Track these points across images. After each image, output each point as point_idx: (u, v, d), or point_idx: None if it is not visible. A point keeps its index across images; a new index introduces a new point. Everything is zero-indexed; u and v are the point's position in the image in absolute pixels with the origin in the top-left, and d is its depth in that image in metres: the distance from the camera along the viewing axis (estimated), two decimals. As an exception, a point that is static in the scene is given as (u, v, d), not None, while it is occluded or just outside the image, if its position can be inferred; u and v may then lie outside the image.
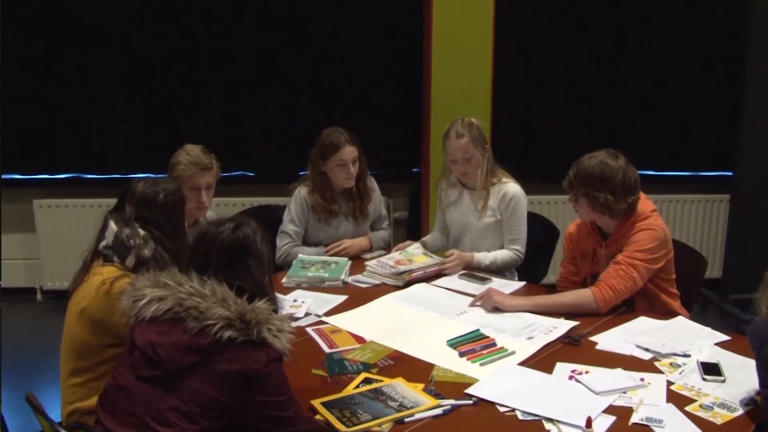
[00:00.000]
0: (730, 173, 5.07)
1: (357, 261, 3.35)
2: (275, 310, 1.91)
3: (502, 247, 3.34)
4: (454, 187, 3.46)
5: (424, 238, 3.60)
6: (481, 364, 2.29)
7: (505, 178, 3.36)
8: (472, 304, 2.81)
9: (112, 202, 2.50)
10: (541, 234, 3.45)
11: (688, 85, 5.24)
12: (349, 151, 3.38)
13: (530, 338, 2.48)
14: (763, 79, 4.73)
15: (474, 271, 3.23)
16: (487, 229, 3.33)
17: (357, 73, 4.87)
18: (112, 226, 2.36)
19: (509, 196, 3.29)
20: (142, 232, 2.36)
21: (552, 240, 3.57)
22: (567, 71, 5.12)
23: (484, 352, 2.36)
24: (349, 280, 3.13)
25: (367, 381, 2.17)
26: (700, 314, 4.98)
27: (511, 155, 3.41)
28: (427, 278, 3.14)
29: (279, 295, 2.46)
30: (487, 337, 2.48)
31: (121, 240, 2.33)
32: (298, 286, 3.05)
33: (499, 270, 3.31)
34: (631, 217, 2.84)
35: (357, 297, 2.92)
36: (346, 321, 2.67)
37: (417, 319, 2.71)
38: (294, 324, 2.56)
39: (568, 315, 2.68)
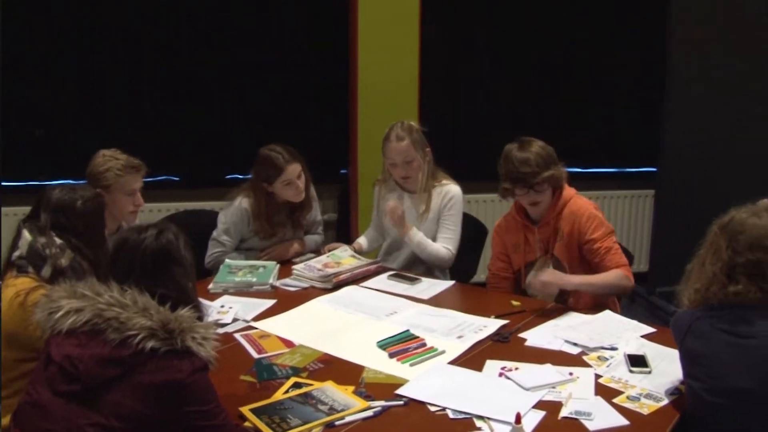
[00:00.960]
0: (654, 169, 5.22)
1: (286, 265, 3.32)
2: (200, 318, 1.87)
3: None
4: (392, 192, 3.44)
5: (359, 239, 3.59)
6: (411, 365, 2.30)
7: (445, 180, 3.37)
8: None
9: (27, 210, 2.42)
10: (470, 232, 3.48)
11: (612, 83, 5.39)
12: (293, 169, 3.33)
13: (460, 337, 2.50)
14: (683, 78, 4.88)
15: (402, 271, 3.25)
16: (429, 232, 3.32)
17: (283, 74, 4.82)
18: (26, 235, 2.29)
19: (450, 196, 3.31)
20: (58, 240, 2.29)
21: (480, 238, 3.62)
22: (493, 71, 5.19)
23: (414, 352, 2.37)
24: (278, 284, 3.10)
25: (296, 385, 2.15)
26: (629, 308, 5.08)
27: (438, 154, 3.41)
28: (356, 280, 3.14)
29: (205, 302, 2.44)
30: (417, 337, 2.49)
31: (36, 250, 2.26)
32: (226, 292, 3.01)
33: (428, 260, 3.30)
34: (560, 198, 2.96)
35: (286, 301, 2.90)
36: (275, 325, 2.65)
37: (346, 321, 2.71)
38: (221, 330, 2.53)
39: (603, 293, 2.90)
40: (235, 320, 2.69)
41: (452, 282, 3.17)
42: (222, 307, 2.82)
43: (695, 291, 2.13)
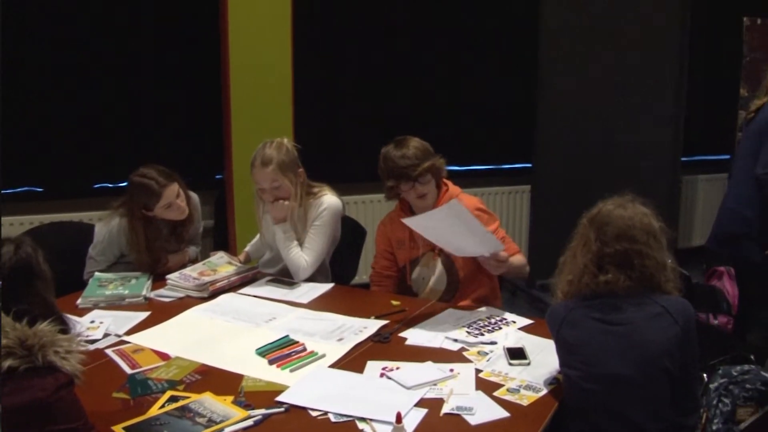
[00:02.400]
0: (530, 165, 5.40)
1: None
2: (64, 330, 1.80)
3: None
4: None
5: (248, 248, 3.52)
6: (291, 371, 2.28)
7: (323, 191, 3.27)
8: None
9: None
10: (348, 234, 3.48)
11: (487, 83, 5.54)
12: (171, 192, 3.20)
13: (340, 340, 2.50)
14: (554, 77, 5.08)
15: (281, 277, 3.23)
16: None
17: (152, 76, 4.68)
18: None
19: (322, 207, 3.20)
20: None
21: (359, 239, 3.62)
22: (367, 72, 5.23)
23: (293, 357, 2.36)
24: (152, 295, 3.01)
25: (173, 399, 2.10)
26: (510, 301, 5.25)
27: (314, 157, 3.40)
28: (233, 287, 3.09)
29: (74, 318, 2.34)
30: (297, 342, 2.47)
31: None
32: (96, 306, 2.90)
33: (287, 263, 3.20)
34: (446, 195, 3.01)
35: (160, 312, 2.82)
36: (149, 338, 2.57)
37: (224, 329, 2.67)
38: (92, 346, 2.44)
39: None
40: (106, 335, 2.60)
41: (332, 285, 3.17)
42: (92, 322, 2.71)
43: (568, 282, 2.22)
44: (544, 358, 2.36)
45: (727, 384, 2.75)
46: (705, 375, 2.63)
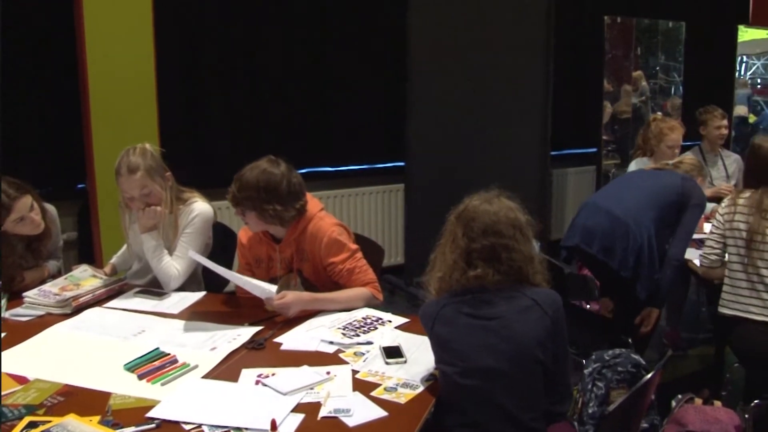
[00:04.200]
0: (402, 164, 5.48)
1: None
2: None
3: None
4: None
5: (114, 260, 3.40)
6: (163, 384, 2.22)
7: (193, 197, 3.21)
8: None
9: None
10: (220, 241, 3.43)
11: (357, 83, 5.59)
12: (23, 205, 3.04)
13: (213, 349, 2.46)
14: (423, 75, 5.17)
15: (151, 288, 3.15)
16: None
17: (5, 85, 4.45)
18: None
19: (193, 214, 3.14)
20: None
21: (231, 245, 3.57)
22: (234, 74, 5.17)
23: (164, 370, 2.30)
24: (7, 315, 2.86)
25: (31, 425, 1.99)
26: (389, 300, 5.31)
27: (180, 163, 3.33)
28: (99, 301, 2.99)
29: None
30: (168, 354, 2.41)
31: None
32: (-58, 332, 2.73)
33: (157, 275, 3.12)
34: (301, 219, 2.95)
35: (17, 333, 2.67)
36: (4, 362, 2.44)
37: (89, 346, 2.56)
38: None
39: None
40: (-45, 362, 2.46)
41: (203, 293, 3.11)
42: (-62, 349, 2.56)
43: (439, 279, 2.27)
44: (421, 355, 2.39)
45: (600, 368, 2.89)
46: (584, 361, 2.76)
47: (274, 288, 2.82)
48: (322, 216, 3.00)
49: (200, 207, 3.18)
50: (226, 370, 2.33)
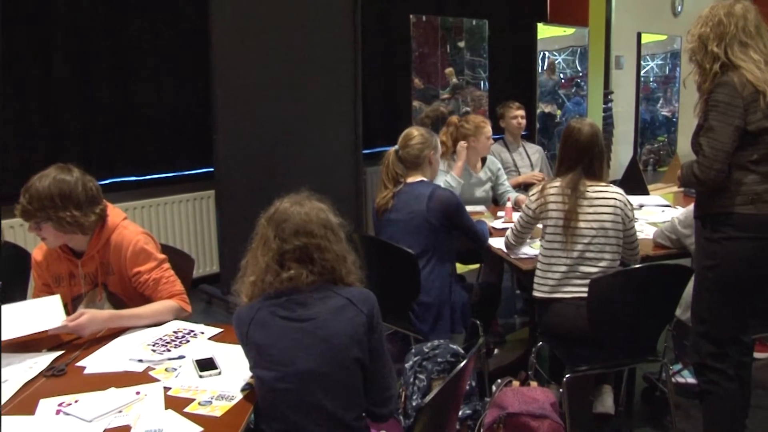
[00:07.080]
0: (212, 169, 5.38)
1: None
2: None
3: None
4: None
5: None
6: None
7: None
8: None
9: None
10: (11, 261, 3.21)
11: (160, 88, 5.43)
12: None
13: (5, 381, 2.29)
14: (229, 79, 5.09)
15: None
16: None
17: None
18: None
19: None
20: None
21: (24, 266, 3.33)
22: (23, 79, 4.87)
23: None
24: None
25: None
26: (206, 311, 5.20)
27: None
28: None
29: None
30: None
31: None
32: None
33: None
34: (103, 230, 2.83)
35: None
36: None
37: None
38: None
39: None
40: None
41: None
42: None
43: (251, 284, 2.24)
44: (238, 364, 2.35)
45: (420, 361, 2.97)
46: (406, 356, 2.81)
47: (59, 312, 2.64)
48: (126, 225, 2.90)
49: None
50: (21, 402, 2.17)
